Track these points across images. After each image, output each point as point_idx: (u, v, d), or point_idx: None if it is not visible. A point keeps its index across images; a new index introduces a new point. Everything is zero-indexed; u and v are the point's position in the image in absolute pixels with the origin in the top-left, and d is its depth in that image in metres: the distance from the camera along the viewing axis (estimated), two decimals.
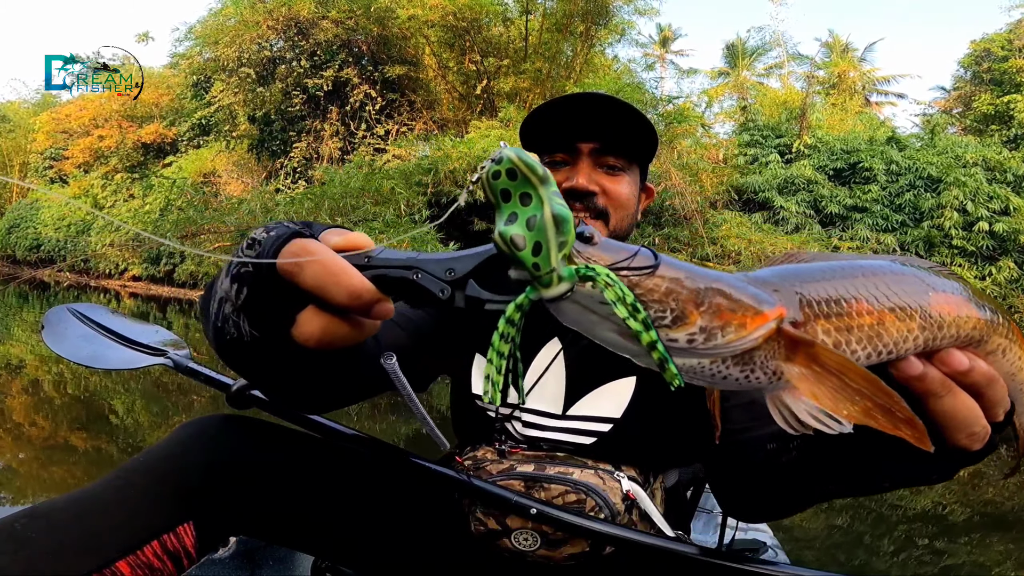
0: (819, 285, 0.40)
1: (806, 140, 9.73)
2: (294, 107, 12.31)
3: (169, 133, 16.43)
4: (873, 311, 0.40)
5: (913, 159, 9.19)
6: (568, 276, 0.35)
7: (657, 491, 0.85)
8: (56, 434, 3.85)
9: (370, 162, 10.16)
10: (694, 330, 0.36)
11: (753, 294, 0.38)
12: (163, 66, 17.90)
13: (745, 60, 20.79)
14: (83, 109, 17.50)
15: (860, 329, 0.39)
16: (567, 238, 0.36)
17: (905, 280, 0.43)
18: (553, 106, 0.90)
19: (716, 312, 0.36)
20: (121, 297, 12.77)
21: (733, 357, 0.38)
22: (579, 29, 11.57)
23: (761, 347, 0.37)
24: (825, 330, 0.39)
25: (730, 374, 0.38)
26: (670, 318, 0.36)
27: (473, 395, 0.89)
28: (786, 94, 14.67)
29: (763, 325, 0.37)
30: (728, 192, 8.64)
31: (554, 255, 0.35)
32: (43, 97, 22.55)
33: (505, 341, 0.38)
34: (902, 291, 0.41)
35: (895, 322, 0.40)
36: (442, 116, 12.46)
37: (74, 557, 0.57)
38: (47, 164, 19.69)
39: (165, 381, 4.98)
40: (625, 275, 0.36)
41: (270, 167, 12.94)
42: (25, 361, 5.78)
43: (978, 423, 0.44)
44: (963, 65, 17.06)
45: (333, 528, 0.77)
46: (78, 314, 1.05)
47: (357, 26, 12.00)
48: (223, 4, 12.42)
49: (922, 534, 3.03)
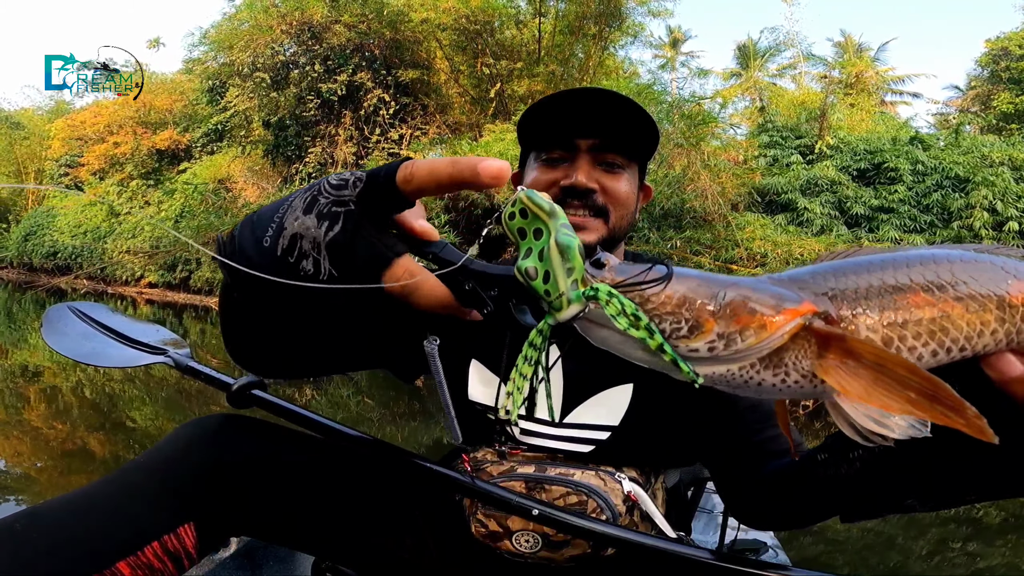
0: (859, 277, 0.37)
1: (828, 141, 9.60)
2: (308, 112, 12.31)
3: (183, 139, 16.49)
4: (934, 302, 0.36)
5: (938, 159, 9.05)
6: (576, 299, 0.38)
7: (658, 491, 0.86)
8: (68, 436, 3.83)
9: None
10: (712, 337, 0.36)
11: (774, 293, 0.37)
12: (176, 72, 18.03)
13: (757, 61, 20.66)
14: (97, 115, 17.63)
15: (918, 324, 0.36)
16: (573, 263, 0.38)
17: (976, 267, 0.38)
18: (551, 102, 0.86)
19: (733, 316, 0.36)
20: (137, 304, 12.83)
21: (761, 360, 0.36)
22: (591, 31, 11.52)
23: (789, 347, 0.36)
24: (870, 326, 0.36)
25: (764, 379, 0.37)
26: (686, 328, 0.36)
27: (471, 400, 0.88)
28: (803, 95, 14.54)
29: (786, 324, 0.35)
30: (750, 194, 8.51)
31: (562, 281, 0.38)
32: (56, 104, 22.82)
33: (529, 364, 0.42)
34: (971, 279, 0.37)
35: (964, 314, 0.36)
36: (455, 120, 12.42)
37: (74, 558, 0.57)
38: (62, 171, 19.85)
39: (166, 380, 4.98)
40: (634, 291, 0.38)
41: (285, 172, 12.95)
42: (43, 367, 5.76)
43: None
44: (981, 64, 16.89)
45: (334, 528, 0.77)
46: (78, 312, 1.05)
47: (370, 30, 11.99)
48: (237, 8, 12.48)
49: (956, 537, 2.99)
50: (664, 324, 0.37)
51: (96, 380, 5.44)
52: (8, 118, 22.66)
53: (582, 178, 0.85)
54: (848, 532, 2.90)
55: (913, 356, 0.37)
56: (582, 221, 0.86)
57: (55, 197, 19.66)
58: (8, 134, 22.00)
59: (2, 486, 3.02)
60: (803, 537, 2.80)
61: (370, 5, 11.82)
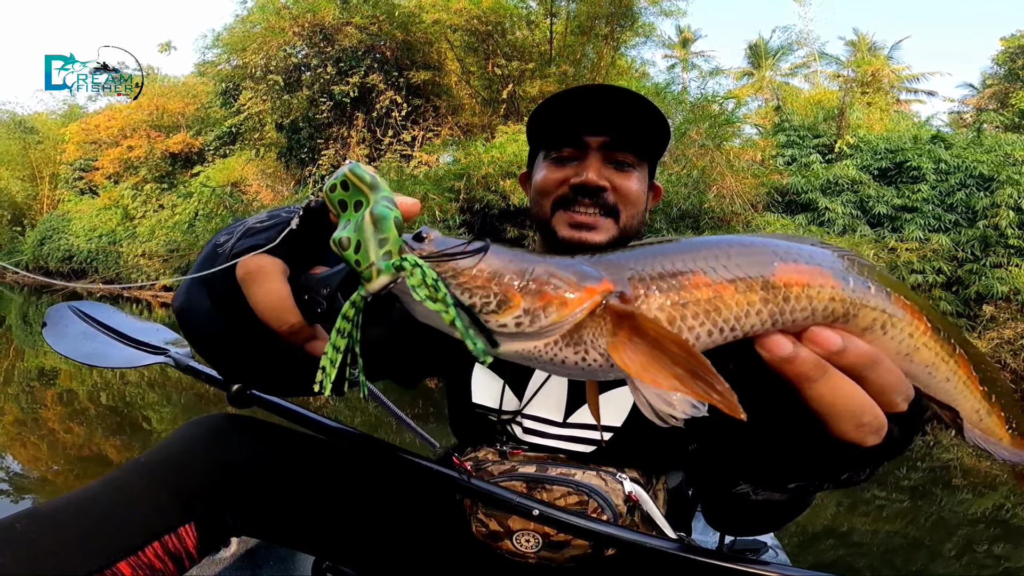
0: (656, 260, 0.39)
1: (848, 140, 9.48)
2: (321, 114, 12.32)
3: (196, 142, 16.57)
4: (710, 283, 0.38)
5: (960, 157, 8.91)
6: (386, 268, 0.37)
7: (660, 492, 0.85)
8: (85, 439, 3.84)
9: (398, 168, 10.12)
10: (519, 313, 0.36)
11: (577, 271, 0.38)
12: (188, 75, 18.14)
13: (769, 60, 20.51)
14: (111, 119, 17.76)
15: (697, 304, 0.38)
16: (388, 235, 0.37)
17: (751, 251, 0.39)
18: (561, 99, 0.84)
19: (538, 293, 0.37)
20: (153, 307, 12.90)
21: (563, 338, 0.37)
22: (603, 32, 11.47)
23: (587, 324, 0.37)
24: (659, 306, 0.37)
25: (566, 357, 0.38)
26: (495, 303, 0.37)
27: (474, 404, 0.88)
28: (819, 94, 14.40)
29: (585, 301, 0.36)
30: (769, 194, 8.40)
31: (372, 251, 0.37)
32: (70, 108, 23.00)
33: (341, 336, 0.40)
34: (745, 262, 0.39)
35: (733, 295, 0.38)
36: (467, 121, 12.40)
37: (75, 558, 0.56)
38: (77, 175, 20.01)
39: (181, 381, 4.96)
40: (448, 265, 0.38)
41: (299, 175, 12.97)
42: (58, 370, 5.76)
43: (866, 412, 0.39)
44: (997, 62, 16.68)
45: (334, 528, 0.77)
46: (79, 312, 1.05)
47: (381, 31, 11.99)
48: (249, 11, 12.51)
49: (983, 538, 2.98)
50: (475, 298, 0.37)
51: (113, 383, 5.46)
52: (22, 122, 22.84)
53: (592, 176, 0.83)
54: (872, 535, 2.89)
55: (692, 336, 0.38)
56: (592, 220, 0.85)
57: (69, 200, 19.82)
58: (22, 138, 22.18)
59: (20, 488, 3.03)
60: (824, 540, 2.79)
61: (381, 7, 11.82)
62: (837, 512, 3.17)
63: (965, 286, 7.58)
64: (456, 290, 0.37)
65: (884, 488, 3.63)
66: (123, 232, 16.08)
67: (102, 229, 16.88)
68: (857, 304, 0.39)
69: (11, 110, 24.28)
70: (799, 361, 0.38)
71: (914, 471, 4.06)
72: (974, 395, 0.44)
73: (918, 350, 0.41)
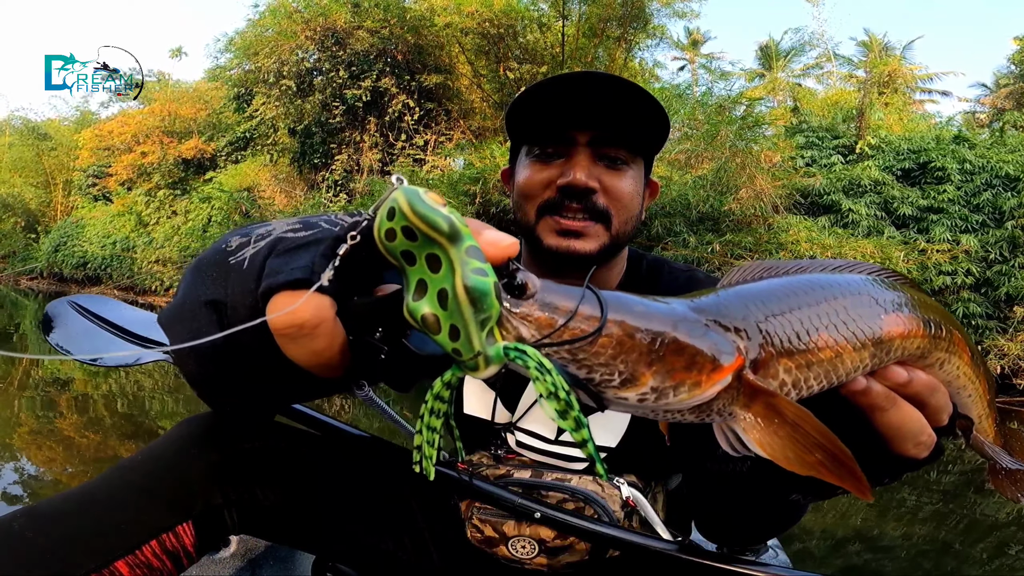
0: (784, 318, 0.38)
1: (869, 140, 9.33)
2: (334, 119, 12.32)
3: (208, 148, 16.61)
4: (834, 344, 0.38)
5: (985, 158, 8.74)
6: (496, 358, 0.32)
7: (659, 495, 0.84)
8: (100, 443, 3.76)
9: (411, 172, 10.08)
10: (645, 391, 0.34)
11: (712, 343, 0.35)
12: (200, 79, 18.20)
13: (780, 61, 20.36)
14: (124, 125, 17.83)
15: (820, 364, 0.38)
16: (490, 313, 0.32)
17: (858, 301, 0.41)
18: (543, 88, 0.75)
19: (670, 372, 0.34)
20: None
21: (690, 411, 0.36)
22: (615, 34, 11.40)
23: (720, 396, 0.36)
24: (787, 368, 0.37)
25: (684, 419, 0.37)
26: (618, 380, 0.34)
27: (467, 415, 0.86)
28: (836, 94, 14.24)
29: (720, 381, 0.35)
30: (792, 195, 8.26)
31: (475, 338, 0.32)
32: (82, 114, 23.13)
33: (436, 417, 0.36)
34: (857, 315, 0.40)
35: (851, 353, 0.39)
36: (479, 125, 12.35)
37: (72, 556, 0.56)
38: (90, 181, 20.11)
39: None
40: (563, 348, 0.34)
41: (312, 180, 12.96)
42: (72, 376, 5.72)
43: (924, 432, 0.43)
44: (1014, 62, 16.47)
45: (334, 527, 0.76)
46: (79, 307, 1.02)
47: (392, 35, 11.99)
48: (260, 15, 12.54)
49: (1015, 540, 2.96)
50: (595, 374, 0.34)
51: (126, 387, 5.41)
52: (35, 129, 22.98)
53: (580, 176, 0.76)
54: (903, 539, 2.87)
55: (808, 389, 0.38)
56: (581, 227, 0.78)
57: (83, 207, 19.92)
58: (36, 144, 22.28)
59: (33, 491, 3.00)
60: (851, 544, 2.74)
61: (392, 10, 11.82)
62: (867, 516, 3.11)
63: (994, 287, 7.40)
64: (573, 366, 0.33)
65: (915, 491, 3.57)
66: (137, 238, 16.13)
67: (116, 235, 16.92)
68: (931, 347, 0.44)
69: (24, 116, 24.51)
70: (873, 394, 0.41)
71: (945, 474, 3.99)
72: (983, 403, 0.51)
73: (959, 377, 0.47)
